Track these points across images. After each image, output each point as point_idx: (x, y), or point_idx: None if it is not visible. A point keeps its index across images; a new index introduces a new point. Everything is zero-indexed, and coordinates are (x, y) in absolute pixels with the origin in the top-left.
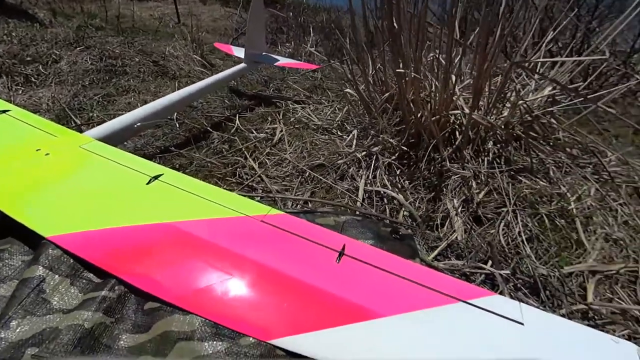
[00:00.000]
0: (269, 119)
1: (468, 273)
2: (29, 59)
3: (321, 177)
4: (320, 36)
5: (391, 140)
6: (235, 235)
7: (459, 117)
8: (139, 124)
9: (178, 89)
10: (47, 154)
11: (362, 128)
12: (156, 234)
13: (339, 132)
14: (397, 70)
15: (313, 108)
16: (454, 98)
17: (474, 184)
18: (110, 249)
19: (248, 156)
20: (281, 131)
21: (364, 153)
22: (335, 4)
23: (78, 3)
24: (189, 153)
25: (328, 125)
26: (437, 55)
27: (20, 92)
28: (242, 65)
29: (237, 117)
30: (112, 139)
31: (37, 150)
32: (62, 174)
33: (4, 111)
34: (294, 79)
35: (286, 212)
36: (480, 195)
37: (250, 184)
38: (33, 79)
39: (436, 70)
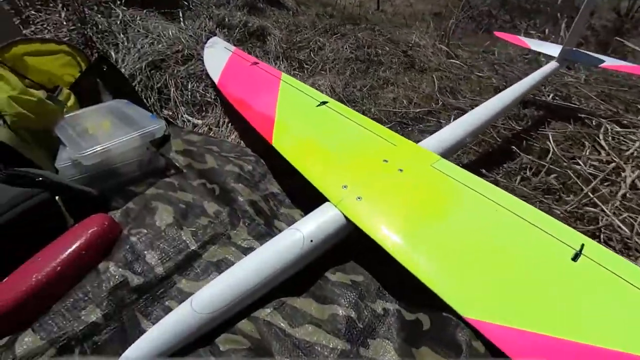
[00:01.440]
0: (586, 144)
1: None
2: (300, 44)
3: None
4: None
5: None
6: None
7: None
8: (468, 138)
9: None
10: (400, 170)
11: None
12: None
13: None
14: None
15: None
16: None
17: None
18: None
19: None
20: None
21: None
22: None
23: None
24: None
25: None
26: None
27: (298, 77)
28: (554, 64)
29: (548, 137)
30: (443, 154)
31: (384, 161)
32: (432, 207)
33: (324, 103)
34: (571, 81)
35: None
36: None
37: None
38: (305, 65)
39: None
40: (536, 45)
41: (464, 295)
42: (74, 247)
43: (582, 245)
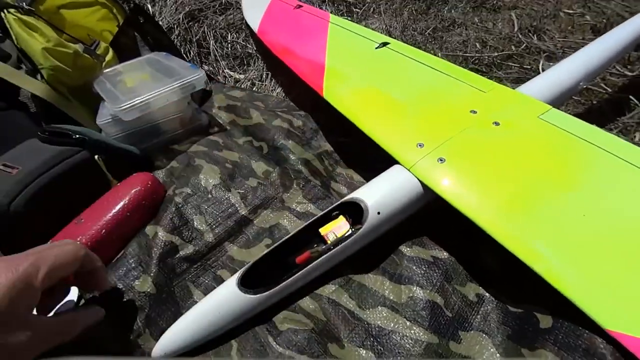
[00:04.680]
0: None
1: None
2: None
3: None
4: None
5: None
6: None
7: None
8: (582, 83)
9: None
10: (495, 124)
11: None
12: None
13: None
14: None
15: None
16: None
17: None
18: None
19: None
20: None
21: None
22: None
23: None
24: None
25: None
26: None
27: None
28: None
29: None
30: (551, 103)
31: (472, 112)
32: (550, 172)
33: (384, 44)
34: None
35: None
36: None
37: None
38: (355, 9)
39: None
40: None
41: (608, 299)
42: (117, 207)
43: None
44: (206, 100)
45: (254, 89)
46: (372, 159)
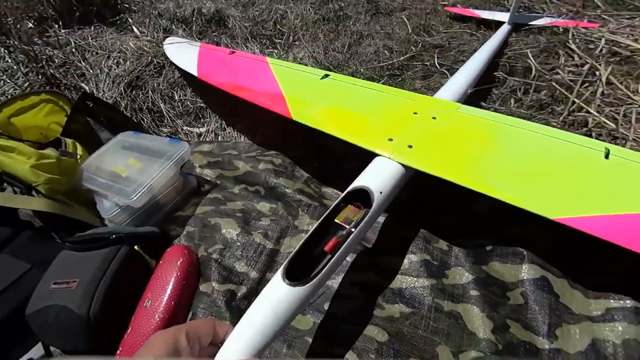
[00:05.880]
0: (560, 53)
1: None
2: (262, 18)
3: None
4: None
5: None
6: None
7: None
8: (469, 89)
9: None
10: (434, 118)
11: None
12: None
13: None
14: None
15: (617, 30)
16: None
17: None
18: None
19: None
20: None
21: None
22: None
23: None
24: None
25: None
26: None
27: (274, 55)
28: (506, 27)
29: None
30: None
31: (414, 113)
32: (481, 141)
33: (326, 75)
34: None
35: None
36: None
37: None
38: (276, 39)
39: None
40: (487, 14)
41: (544, 202)
42: (173, 280)
43: (607, 148)
44: (184, 164)
45: (219, 138)
46: (346, 174)
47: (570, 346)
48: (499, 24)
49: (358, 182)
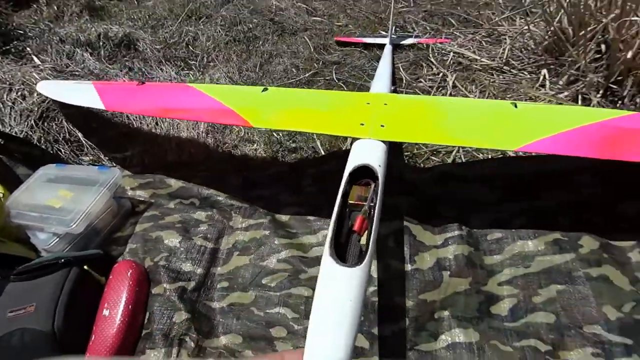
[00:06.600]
0: (423, 65)
1: None
2: (172, 40)
3: None
4: None
5: (600, 80)
6: None
7: None
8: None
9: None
10: (385, 104)
11: (548, 65)
12: None
13: (523, 72)
14: None
15: (463, 43)
16: None
17: None
18: None
19: None
20: (451, 78)
21: (565, 94)
22: None
23: None
24: None
25: (497, 64)
26: None
27: (191, 75)
28: (389, 46)
29: (399, 67)
30: None
31: (367, 103)
32: (434, 111)
33: (265, 89)
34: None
35: None
36: None
37: None
38: (190, 61)
39: None
40: (370, 40)
41: (500, 141)
42: (127, 288)
43: (513, 102)
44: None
45: (145, 161)
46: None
47: (425, 265)
48: (382, 45)
49: (354, 164)
